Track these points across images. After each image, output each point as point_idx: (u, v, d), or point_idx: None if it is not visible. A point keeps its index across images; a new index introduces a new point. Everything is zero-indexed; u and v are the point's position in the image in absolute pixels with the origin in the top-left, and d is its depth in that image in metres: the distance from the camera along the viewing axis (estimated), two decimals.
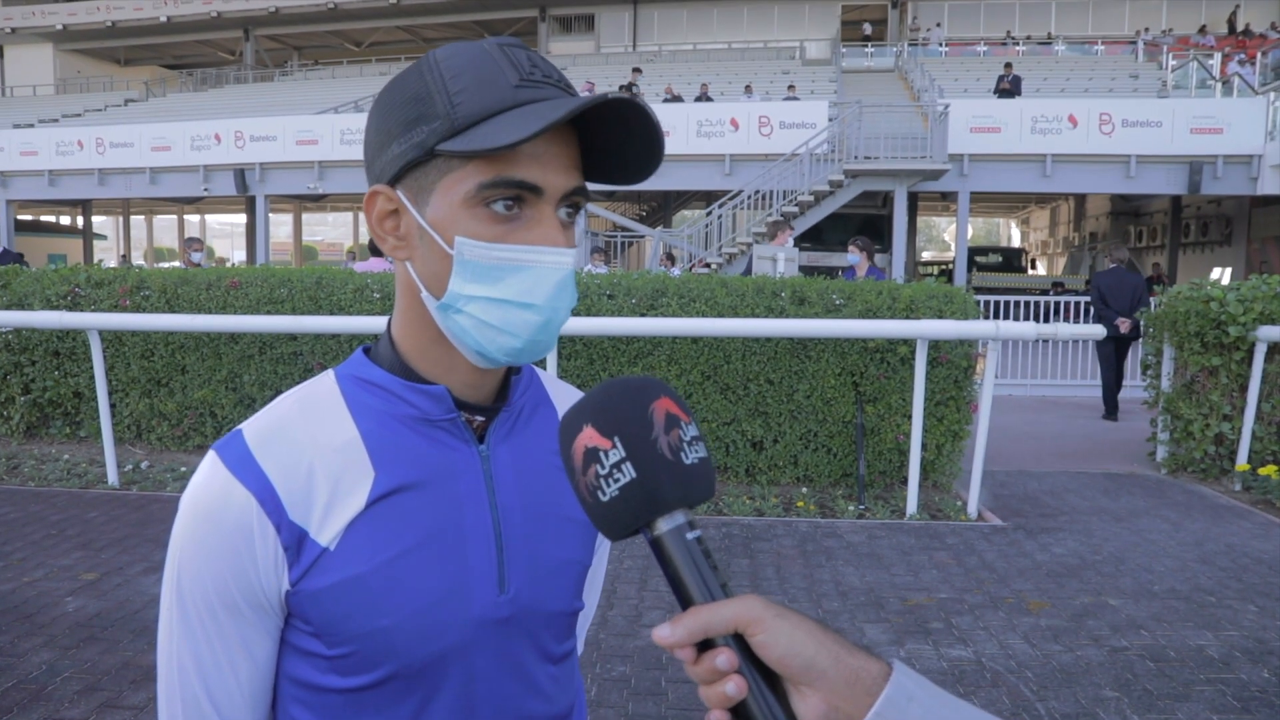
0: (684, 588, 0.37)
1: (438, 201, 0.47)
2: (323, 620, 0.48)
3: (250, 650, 0.48)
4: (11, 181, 14.15)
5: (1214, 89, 11.79)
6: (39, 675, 1.97)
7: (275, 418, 0.50)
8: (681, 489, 0.38)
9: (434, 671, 0.50)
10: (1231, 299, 3.81)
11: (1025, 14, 18.40)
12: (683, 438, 0.39)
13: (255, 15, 20.54)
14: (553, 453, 0.55)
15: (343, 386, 0.51)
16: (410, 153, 0.47)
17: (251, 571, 0.47)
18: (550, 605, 0.53)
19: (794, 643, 0.35)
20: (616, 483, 0.37)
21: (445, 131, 0.46)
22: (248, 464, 0.47)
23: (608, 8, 19.51)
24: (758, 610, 0.35)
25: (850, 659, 0.35)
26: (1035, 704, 1.91)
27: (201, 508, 0.47)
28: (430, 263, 0.49)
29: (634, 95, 0.45)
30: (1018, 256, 17.23)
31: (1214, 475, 4.01)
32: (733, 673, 0.35)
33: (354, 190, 13.45)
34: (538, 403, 0.57)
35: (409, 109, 0.47)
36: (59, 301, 4.07)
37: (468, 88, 0.46)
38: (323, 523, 0.48)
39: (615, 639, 2.21)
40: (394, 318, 0.53)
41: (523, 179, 0.46)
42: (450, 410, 0.51)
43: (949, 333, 3.22)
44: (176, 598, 0.48)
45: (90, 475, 3.76)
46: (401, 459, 0.49)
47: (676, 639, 0.36)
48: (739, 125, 11.24)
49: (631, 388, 0.40)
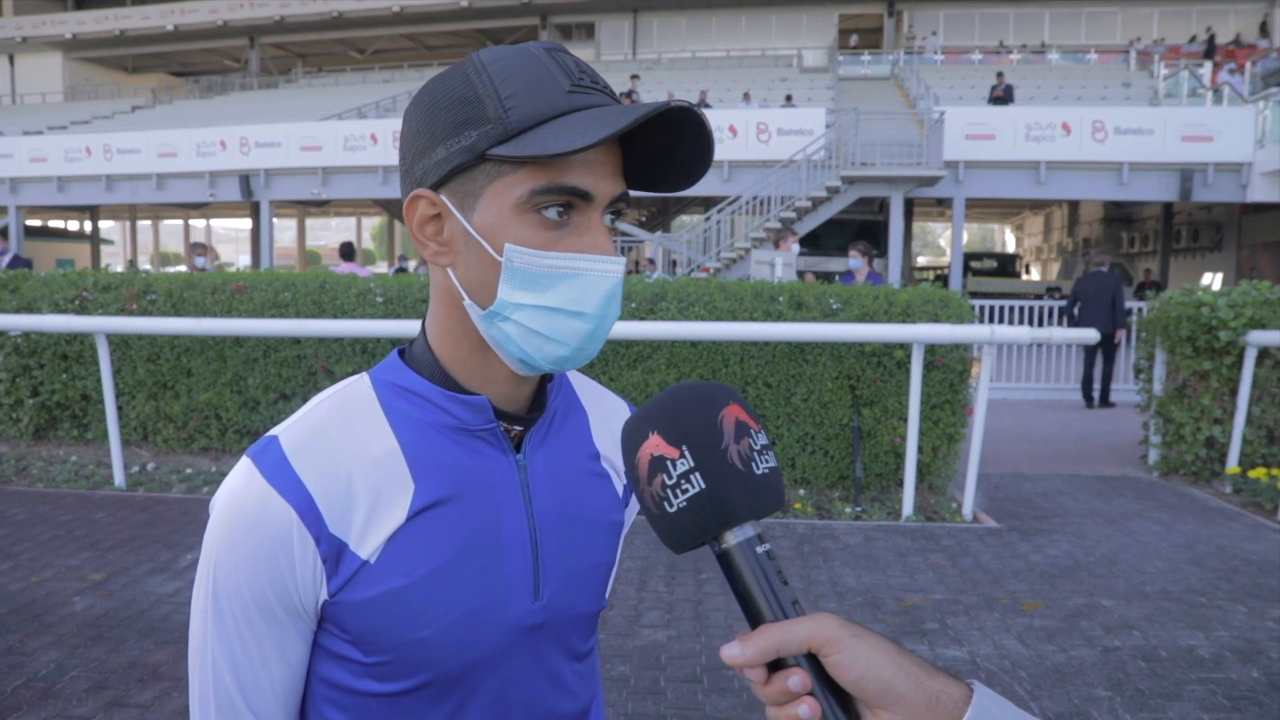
0: (753, 604, 0.35)
1: (486, 207, 0.46)
2: (361, 630, 0.47)
3: (284, 653, 0.48)
4: (21, 187, 14.22)
5: (1205, 98, 11.89)
6: (47, 674, 1.99)
7: (312, 424, 0.48)
8: (752, 500, 0.36)
9: (469, 678, 0.50)
10: (1222, 304, 3.85)
11: (1019, 23, 18.58)
12: (753, 446, 0.37)
13: (261, 23, 20.62)
14: (585, 456, 0.55)
15: (379, 393, 0.50)
16: (458, 157, 0.46)
17: (289, 581, 0.46)
18: (580, 608, 0.53)
19: (872, 665, 0.33)
20: (684, 493, 0.36)
21: (498, 135, 0.44)
22: (286, 474, 0.46)
23: (608, 16, 19.65)
24: (833, 630, 0.34)
25: (931, 681, 0.33)
26: (1029, 703, 1.93)
27: (239, 517, 0.46)
28: (476, 269, 0.47)
29: (690, 103, 0.45)
30: (1012, 262, 17.28)
31: (1205, 478, 4.04)
32: (805, 695, 0.34)
33: (357, 196, 13.52)
34: (570, 407, 0.56)
35: (456, 112, 0.45)
36: (67, 305, 4.10)
37: (519, 91, 0.45)
38: (363, 535, 0.47)
39: (615, 639, 2.23)
40: (430, 324, 0.52)
41: (575, 185, 0.45)
42: (490, 420, 0.50)
43: (945, 337, 3.26)
44: (212, 602, 0.47)
45: (97, 477, 3.78)
46: (441, 471, 0.49)
47: (747, 658, 0.34)
48: (737, 132, 11.31)
49: (700, 394, 0.38)
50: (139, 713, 1.84)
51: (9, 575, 2.60)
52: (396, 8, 19.48)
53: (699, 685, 2.01)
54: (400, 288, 3.94)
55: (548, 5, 19.35)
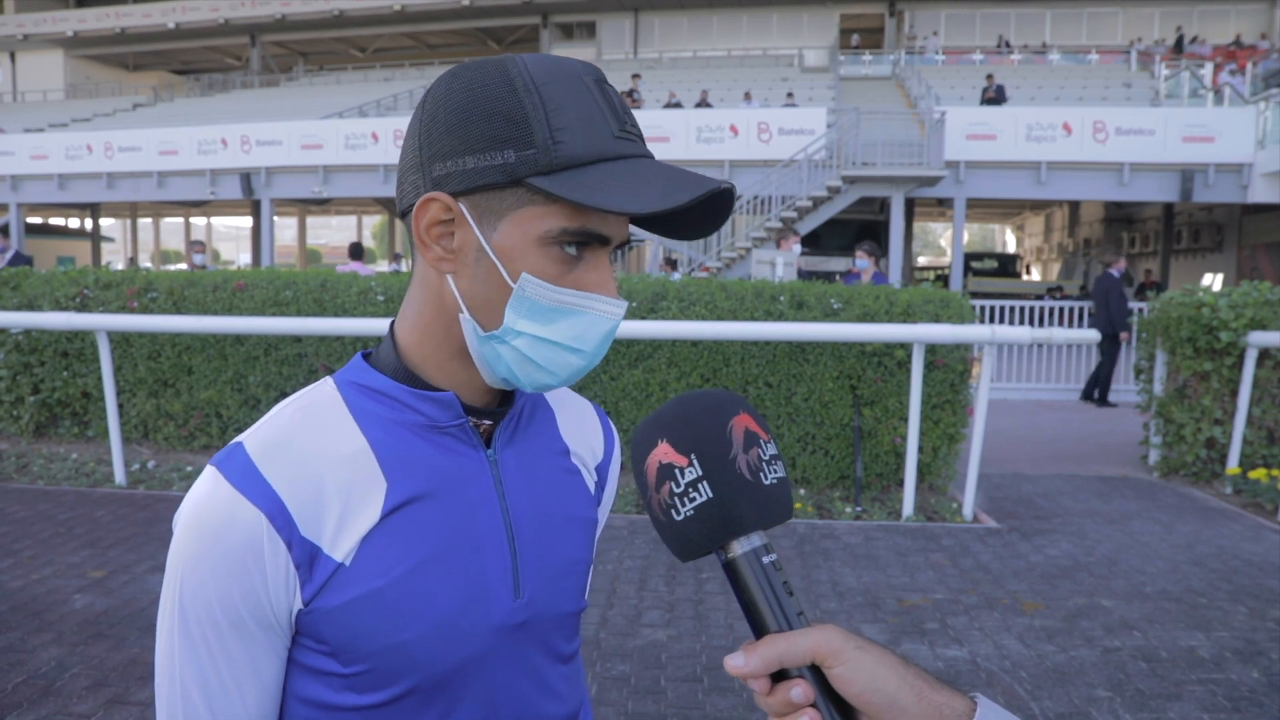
0: (758, 614, 0.35)
1: (509, 230, 0.45)
2: (339, 638, 0.46)
3: (258, 670, 0.46)
4: (22, 185, 14.23)
5: (1205, 98, 11.89)
6: (48, 671, 1.99)
7: (278, 428, 0.47)
8: (760, 511, 0.36)
9: (454, 683, 0.48)
10: (1223, 305, 3.86)
11: (1020, 23, 18.59)
12: (762, 457, 0.37)
13: (262, 22, 20.62)
14: (555, 452, 0.55)
15: (344, 394, 0.49)
16: (492, 174, 0.44)
17: (261, 591, 0.44)
18: (561, 606, 0.53)
19: (876, 678, 0.33)
20: (692, 502, 0.36)
21: (543, 166, 0.43)
22: (253, 479, 0.45)
23: (609, 15, 19.64)
24: (837, 642, 0.34)
25: (934, 695, 0.33)
26: (1029, 703, 1.93)
27: (206, 526, 0.44)
28: (482, 287, 0.47)
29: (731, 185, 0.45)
30: (1012, 262, 17.30)
31: (1205, 478, 4.05)
32: (808, 706, 0.34)
33: (358, 194, 13.52)
34: (536, 403, 0.56)
35: (498, 125, 0.44)
36: (68, 303, 4.10)
37: (570, 126, 0.44)
38: (336, 537, 0.46)
39: (615, 638, 2.23)
40: (403, 323, 0.50)
41: (603, 232, 0.46)
42: (459, 416, 0.49)
43: (945, 337, 3.26)
44: (179, 618, 0.45)
45: (98, 474, 3.79)
46: (413, 468, 0.48)
47: (751, 669, 0.34)
48: (738, 131, 11.33)
49: (710, 402, 0.38)
50: (139, 710, 1.85)
51: (9, 572, 2.60)
52: (398, 6, 19.48)
53: (699, 685, 2.01)
54: (401, 286, 3.95)
55: (549, 4, 19.35)
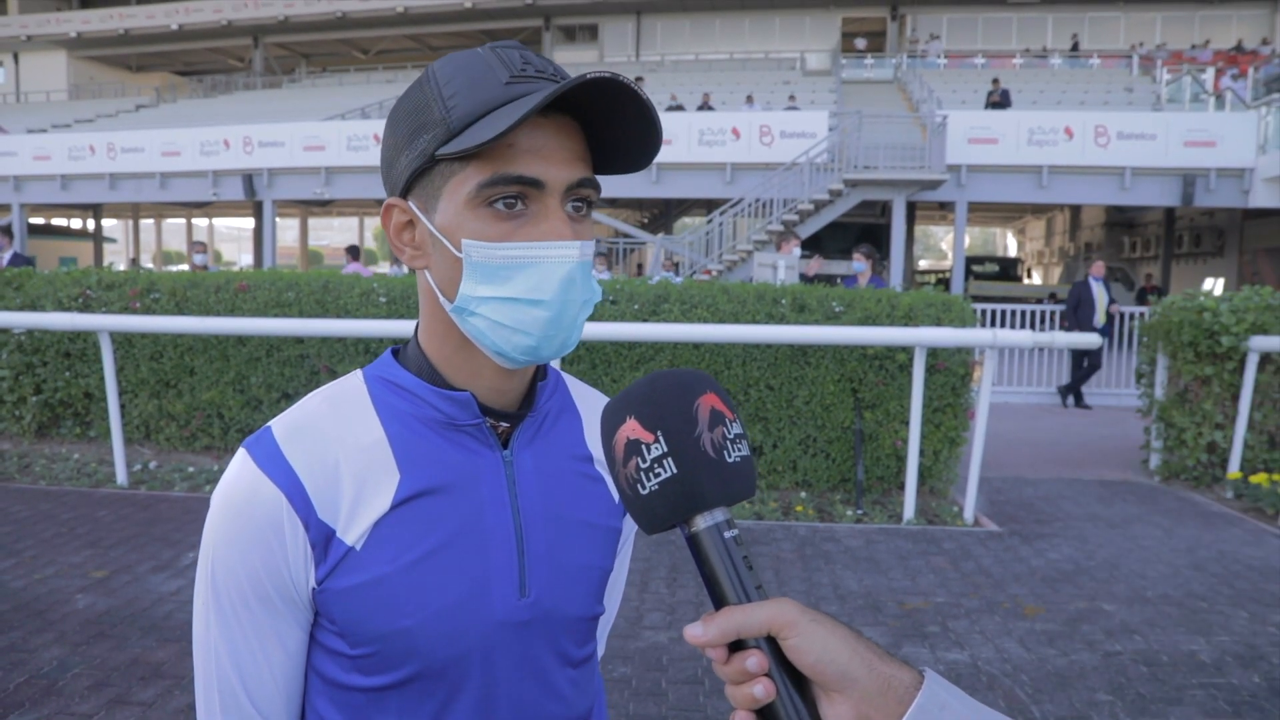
0: (718, 586, 0.36)
1: (444, 207, 0.48)
2: (346, 619, 0.48)
3: (283, 640, 0.49)
4: (25, 185, 14.25)
5: (1207, 103, 11.90)
6: (50, 671, 1.99)
7: (304, 414, 0.50)
8: (722, 487, 0.37)
9: (455, 673, 0.50)
10: (1224, 309, 3.86)
11: (1022, 28, 18.63)
12: (726, 435, 0.38)
13: (265, 23, 20.71)
14: (576, 458, 0.55)
15: (370, 387, 0.52)
16: (415, 162, 0.47)
17: (283, 566, 0.47)
18: (571, 610, 0.53)
19: (828, 649, 0.34)
20: (657, 477, 0.37)
21: (443, 136, 0.46)
22: (277, 461, 0.48)
23: (611, 18, 19.68)
24: (792, 614, 0.35)
25: (883, 666, 0.34)
26: (1030, 707, 1.93)
27: (232, 504, 0.48)
28: (444, 268, 0.49)
29: (618, 75, 0.43)
30: (1014, 266, 17.31)
31: (1206, 483, 4.04)
32: (762, 675, 0.35)
33: (360, 196, 13.54)
34: (563, 408, 0.56)
35: (412, 120, 0.48)
36: (70, 303, 4.11)
37: (459, 91, 0.46)
38: (349, 522, 0.48)
39: (616, 640, 2.24)
40: (419, 324, 0.53)
41: (521, 174, 0.45)
42: (475, 416, 0.51)
43: (947, 340, 3.26)
44: (211, 590, 0.48)
45: (100, 475, 3.79)
46: (426, 462, 0.50)
47: (709, 638, 0.35)
48: (740, 134, 11.33)
49: (678, 382, 0.39)
50: (141, 710, 1.85)
51: (11, 572, 2.61)
52: (400, 8, 19.55)
53: (700, 687, 2.01)
54: (403, 288, 3.95)
55: (551, 7, 19.40)
